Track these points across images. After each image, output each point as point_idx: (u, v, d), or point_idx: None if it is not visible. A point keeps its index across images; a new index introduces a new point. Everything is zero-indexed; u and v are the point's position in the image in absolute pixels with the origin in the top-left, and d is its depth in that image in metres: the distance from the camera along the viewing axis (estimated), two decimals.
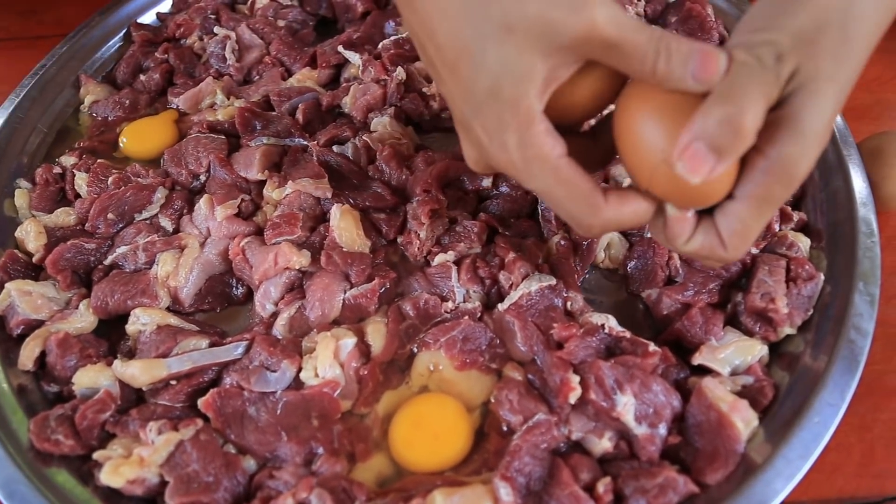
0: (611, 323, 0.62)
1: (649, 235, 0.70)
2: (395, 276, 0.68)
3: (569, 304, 0.65)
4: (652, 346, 0.60)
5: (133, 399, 0.63)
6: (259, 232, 0.72)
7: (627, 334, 0.61)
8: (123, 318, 0.67)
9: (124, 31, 0.96)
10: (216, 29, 0.92)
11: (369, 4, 0.95)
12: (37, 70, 0.88)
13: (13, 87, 0.86)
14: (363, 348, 0.63)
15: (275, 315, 0.67)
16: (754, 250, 0.69)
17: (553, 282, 0.65)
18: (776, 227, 0.70)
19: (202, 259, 0.70)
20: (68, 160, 0.81)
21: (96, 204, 0.74)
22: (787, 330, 0.63)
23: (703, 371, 0.62)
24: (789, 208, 0.72)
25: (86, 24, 0.94)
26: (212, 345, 0.64)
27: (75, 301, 0.69)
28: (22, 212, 0.78)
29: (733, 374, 0.62)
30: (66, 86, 0.90)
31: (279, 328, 0.65)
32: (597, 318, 0.62)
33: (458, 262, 0.68)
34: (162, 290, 0.69)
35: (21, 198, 0.78)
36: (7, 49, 1.06)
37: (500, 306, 0.64)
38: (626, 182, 0.72)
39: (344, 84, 0.86)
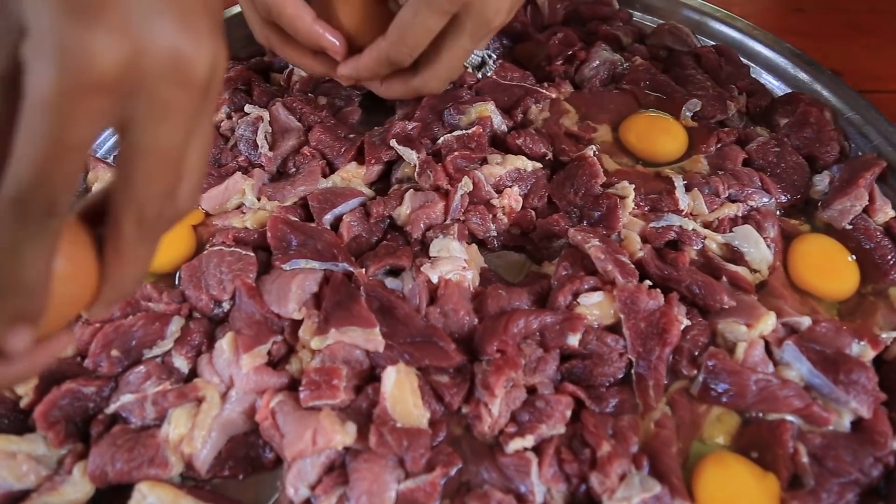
0: None
1: (769, 417, 0.58)
2: (460, 461, 0.55)
3: None
4: None
5: None
6: (293, 385, 0.59)
7: None
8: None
9: None
10: (247, 107, 0.79)
11: None
12: None
13: None
14: None
15: (308, 501, 0.55)
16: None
17: (657, 490, 0.52)
18: None
19: (222, 418, 0.58)
20: None
21: (99, 337, 0.61)
22: None
23: None
24: None
25: None
26: None
27: (69, 463, 0.57)
28: None
29: None
30: None
31: None
32: None
33: (537, 448, 0.55)
34: (174, 455, 0.57)
35: None
36: None
37: None
38: (742, 348, 0.59)
39: (396, 186, 0.73)
